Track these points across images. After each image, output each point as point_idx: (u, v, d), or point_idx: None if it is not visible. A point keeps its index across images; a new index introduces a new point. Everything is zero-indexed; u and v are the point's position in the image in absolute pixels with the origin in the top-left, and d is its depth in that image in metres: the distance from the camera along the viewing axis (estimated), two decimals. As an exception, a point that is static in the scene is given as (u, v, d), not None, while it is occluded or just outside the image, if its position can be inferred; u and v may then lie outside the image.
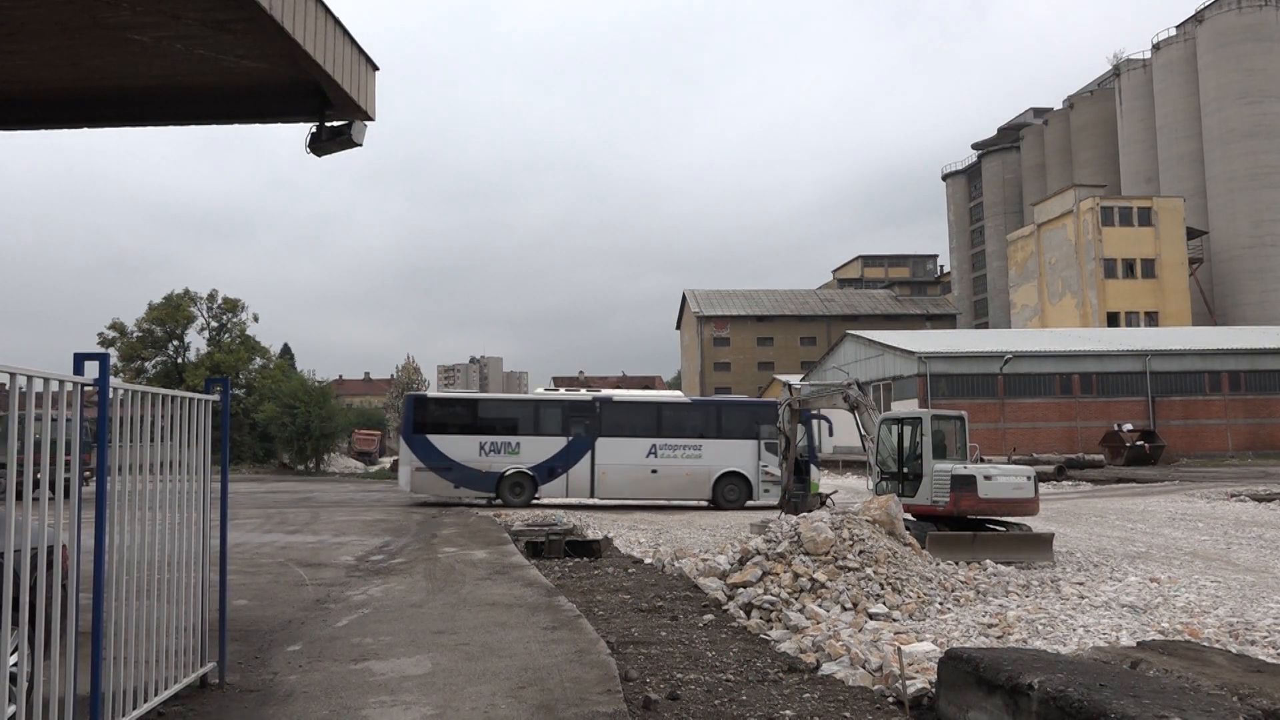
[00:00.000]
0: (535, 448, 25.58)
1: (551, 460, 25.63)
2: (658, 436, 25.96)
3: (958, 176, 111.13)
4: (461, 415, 26.29)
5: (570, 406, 26.42)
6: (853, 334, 54.59)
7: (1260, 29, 67.57)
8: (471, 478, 25.16)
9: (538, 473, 25.49)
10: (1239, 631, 8.73)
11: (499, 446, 25.42)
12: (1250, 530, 17.22)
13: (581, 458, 25.81)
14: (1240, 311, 65.06)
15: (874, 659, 7.60)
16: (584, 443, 25.83)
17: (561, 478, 25.69)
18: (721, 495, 25.90)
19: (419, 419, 25.50)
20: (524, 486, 25.38)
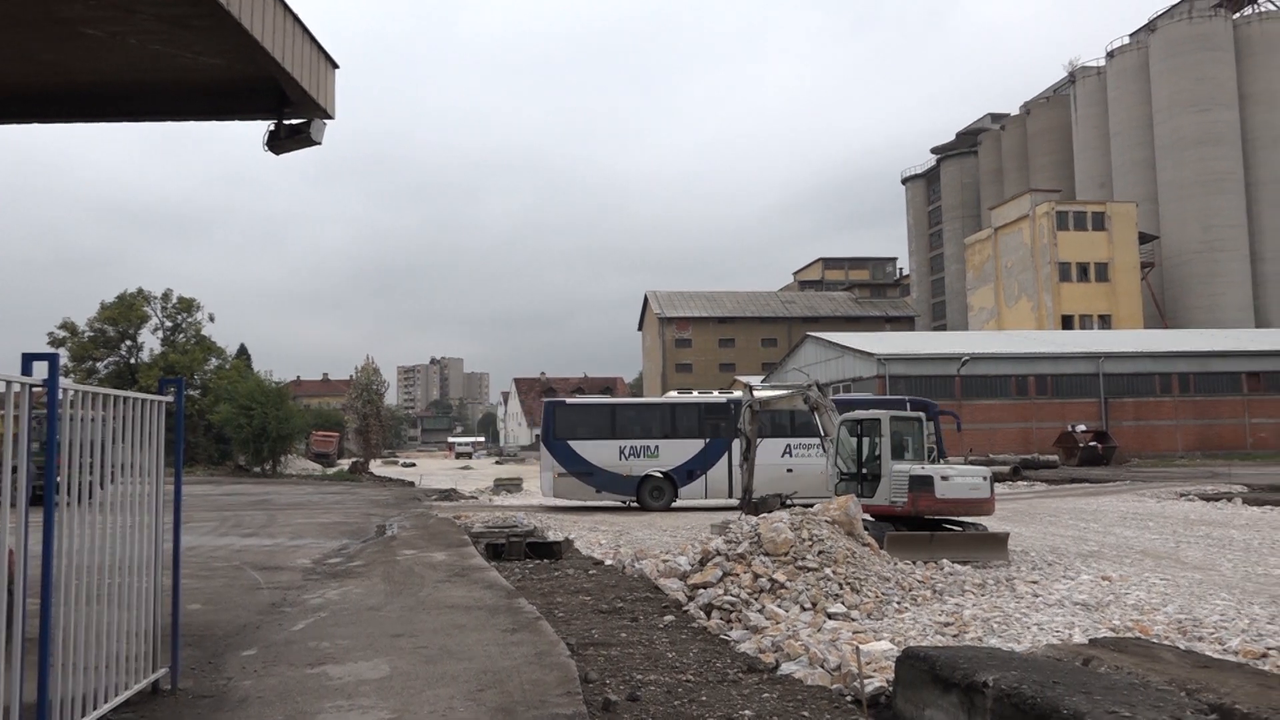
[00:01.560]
0: (673, 450, 25.70)
1: (690, 462, 25.77)
2: (791, 436, 25.81)
3: (917, 180, 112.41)
4: (600, 420, 26.47)
5: (706, 409, 26.59)
6: (813, 336, 54.98)
7: (1210, 39, 69.09)
8: (612, 482, 25.39)
9: (677, 475, 25.65)
10: (1187, 628, 8.91)
11: (638, 450, 25.58)
12: (1198, 529, 17.59)
13: (719, 459, 25.78)
14: (1190, 315, 66.46)
15: (832, 658, 7.66)
16: (721, 444, 25.78)
17: (700, 479, 25.80)
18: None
19: (559, 425, 25.84)
20: (664, 490, 25.53)
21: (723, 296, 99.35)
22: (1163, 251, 69.39)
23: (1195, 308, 66.99)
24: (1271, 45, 68.97)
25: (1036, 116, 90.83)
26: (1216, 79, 68.44)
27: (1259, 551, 14.28)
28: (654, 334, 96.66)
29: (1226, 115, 68.34)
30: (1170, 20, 72.06)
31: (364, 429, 58.18)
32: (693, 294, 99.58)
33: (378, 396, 59.08)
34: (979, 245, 74.34)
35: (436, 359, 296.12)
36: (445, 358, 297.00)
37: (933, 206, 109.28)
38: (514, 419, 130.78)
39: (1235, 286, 66.82)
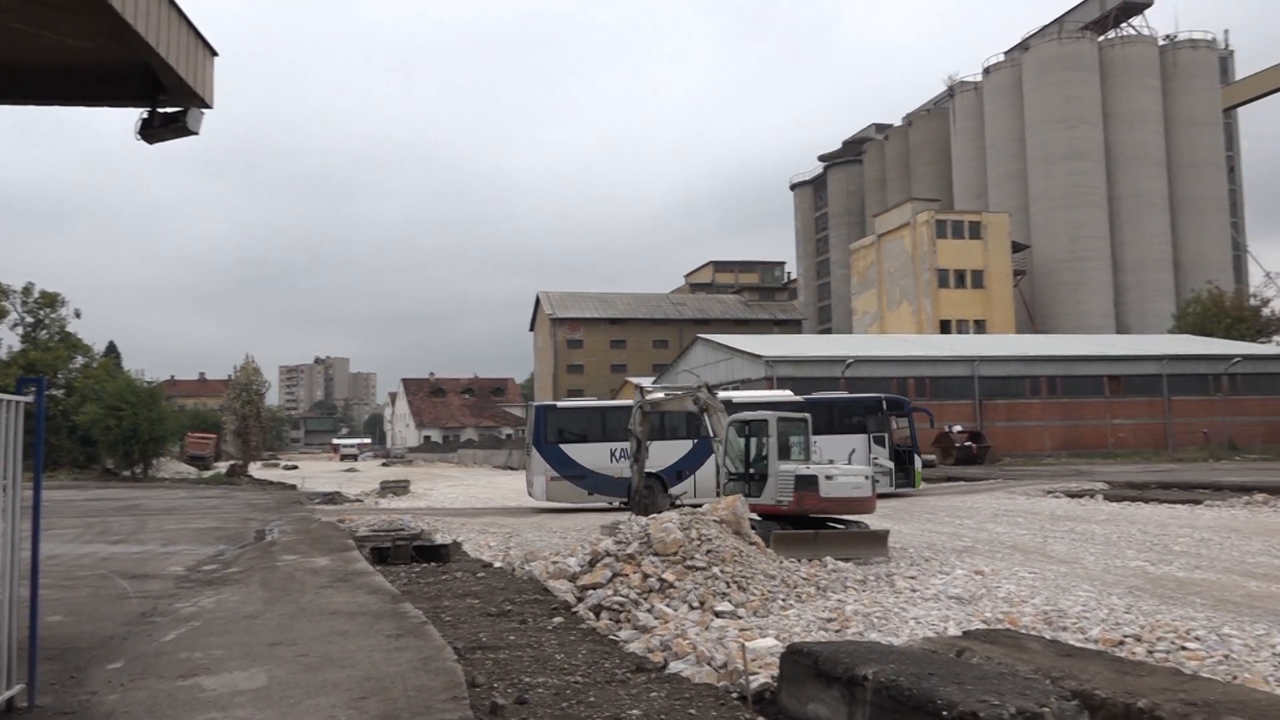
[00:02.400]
0: (663, 452, 25.51)
1: (679, 463, 26.12)
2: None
3: (804, 187, 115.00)
4: (590, 423, 26.64)
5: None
6: (703, 338, 55.63)
7: (1077, 59, 72.80)
8: (604, 484, 25.33)
9: (666, 475, 25.77)
10: (1053, 619, 9.35)
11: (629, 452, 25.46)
12: (1064, 524, 18.49)
13: (707, 459, 25.69)
14: (1058, 321, 69.85)
15: (719, 656, 7.76)
16: (707, 444, 25.76)
17: (689, 479, 26.14)
18: None
19: (549, 429, 25.90)
20: (652, 489, 25.08)
21: (615, 298, 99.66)
22: (1033, 260, 72.74)
23: (1063, 314, 70.44)
24: (1132, 67, 73.12)
25: (918, 128, 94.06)
26: (1083, 97, 72.15)
27: (1118, 545, 15.11)
28: (546, 334, 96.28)
29: (1092, 132, 72.11)
30: (1042, 40, 75.64)
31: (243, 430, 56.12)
32: (585, 295, 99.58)
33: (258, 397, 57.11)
34: (863, 251, 76.51)
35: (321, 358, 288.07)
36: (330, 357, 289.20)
37: (820, 213, 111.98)
38: (402, 420, 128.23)
39: (1099, 294, 70.56)
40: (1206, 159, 74.49)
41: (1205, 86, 75.22)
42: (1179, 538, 15.66)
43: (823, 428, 26.75)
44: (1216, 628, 8.61)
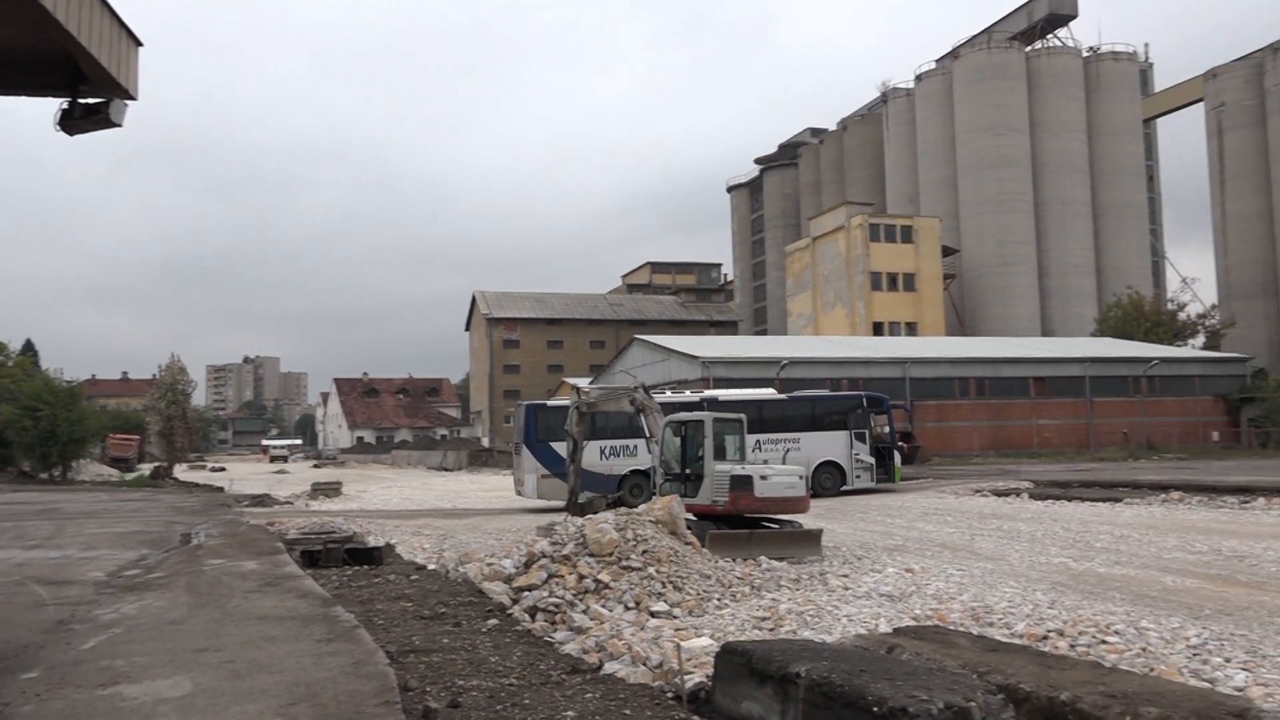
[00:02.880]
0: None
1: None
2: (760, 431, 26.35)
3: (741, 189, 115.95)
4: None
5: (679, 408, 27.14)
6: (640, 338, 55.73)
7: (1006, 68, 74.60)
8: (594, 482, 25.19)
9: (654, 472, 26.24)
10: (979, 615, 9.57)
11: (618, 450, 26.13)
12: (991, 522, 18.93)
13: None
14: (986, 324, 71.48)
15: (655, 656, 7.78)
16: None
17: None
18: (819, 484, 27.12)
19: (540, 427, 26.23)
20: (643, 487, 25.64)
21: (551, 298, 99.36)
22: (963, 264, 74.34)
23: (990, 317, 72.11)
24: (1058, 78, 75.15)
25: (852, 133, 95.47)
26: (1011, 106, 73.95)
27: (1042, 542, 15.51)
28: (481, 334, 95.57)
29: (1019, 140, 73.94)
30: (972, 49, 77.36)
31: (168, 431, 54.62)
32: (521, 295, 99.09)
33: (184, 397, 55.61)
34: (798, 254, 77.40)
35: (250, 358, 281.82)
36: (260, 356, 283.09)
37: (756, 215, 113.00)
38: (334, 420, 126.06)
39: (1025, 298, 72.38)
40: (1127, 167, 76.91)
41: (1126, 97, 77.66)
42: (1100, 535, 16.13)
43: (807, 425, 28.41)
44: (1135, 621, 8.89)
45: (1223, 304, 70.75)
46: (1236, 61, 75.46)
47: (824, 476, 27.91)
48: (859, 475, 28.24)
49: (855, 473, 28.30)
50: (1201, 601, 9.91)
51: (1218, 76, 76.22)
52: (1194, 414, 48.38)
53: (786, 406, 28.96)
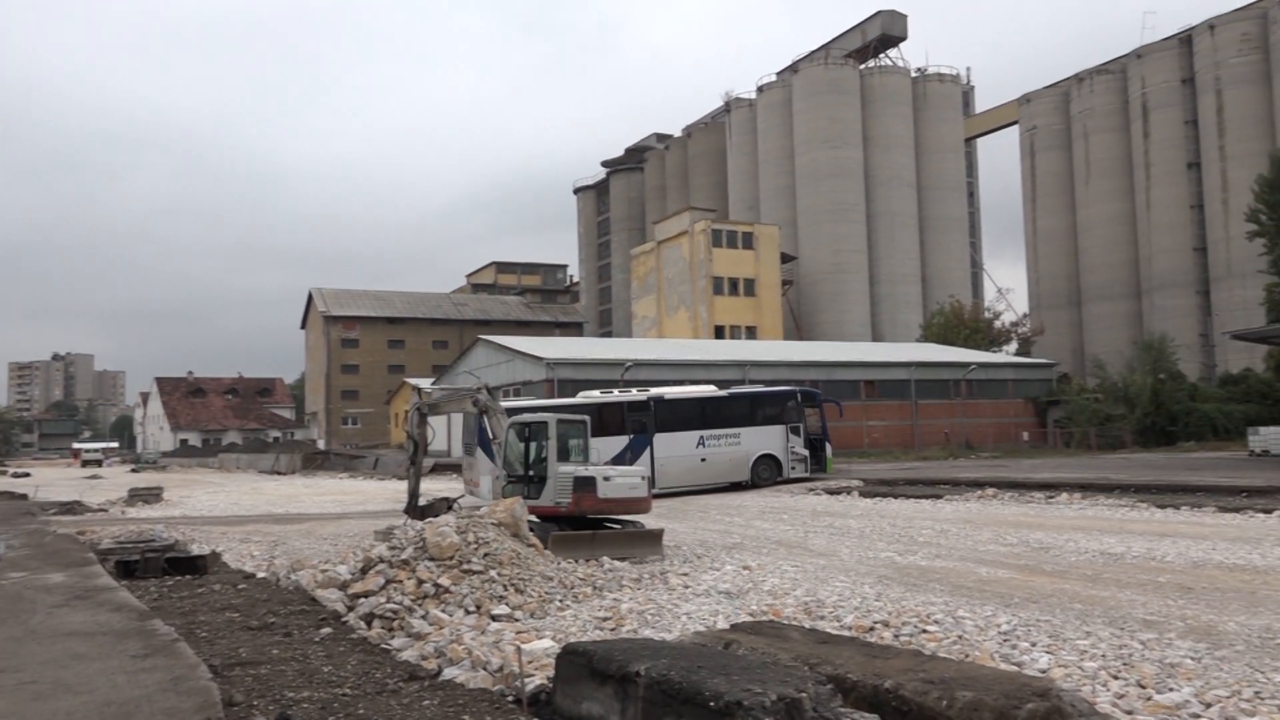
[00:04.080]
0: (602, 448, 25.91)
1: (617, 458, 26.82)
2: (704, 428, 28.48)
3: (588, 191, 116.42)
4: None
5: (630, 406, 28.33)
6: (484, 339, 55.09)
7: (841, 83, 77.87)
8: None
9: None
10: (812, 609, 9.92)
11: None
12: (824, 520, 19.67)
13: (642, 453, 27.66)
14: (822, 329, 74.36)
15: (495, 660, 7.70)
16: (643, 439, 27.88)
17: None
18: (758, 475, 28.83)
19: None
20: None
21: (393, 296, 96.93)
22: (800, 271, 77.09)
23: (825, 322, 75.07)
24: (888, 95, 79.05)
25: (697, 140, 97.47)
26: (846, 120, 77.26)
27: (870, 538, 16.24)
28: (318, 333, 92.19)
29: (853, 153, 77.33)
30: (810, 64, 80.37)
31: (-38, 434, 50.25)
32: (361, 293, 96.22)
33: (-18, 396, 51.28)
34: (643, 257, 78.35)
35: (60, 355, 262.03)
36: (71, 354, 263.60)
37: (602, 217, 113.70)
38: (155, 422, 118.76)
39: (857, 304, 75.73)
40: (950, 183, 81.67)
41: (950, 117, 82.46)
42: (923, 530, 17.02)
43: (746, 420, 29.56)
44: (952, 611, 9.42)
45: (1033, 313, 76.05)
46: (1047, 88, 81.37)
47: (762, 469, 29.08)
48: (794, 467, 29.53)
49: (791, 464, 29.51)
50: (1012, 591, 10.60)
51: (1031, 101, 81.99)
52: (1007, 415, 51.74)
53: (728, 403, 29.96)
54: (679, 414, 28.84)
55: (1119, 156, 73.80)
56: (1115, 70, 75.26)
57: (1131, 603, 9.66)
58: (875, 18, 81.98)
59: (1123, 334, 67.98)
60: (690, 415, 28.88)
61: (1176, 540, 14.22)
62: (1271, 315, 38.64)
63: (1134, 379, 47.49)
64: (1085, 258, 75.82)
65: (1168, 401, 45.21)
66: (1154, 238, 70.37)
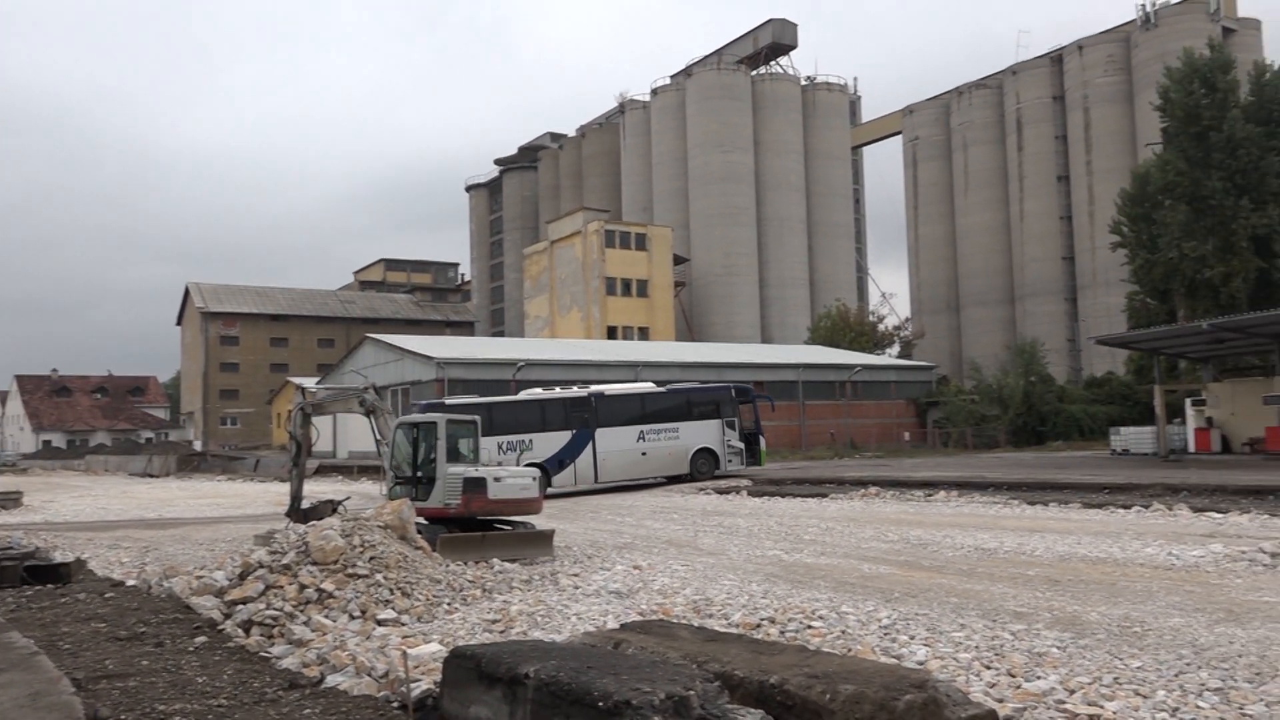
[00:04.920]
0: (545, 443, 27.85)
1: (560, 453, 28.05)
2: (644, 423, 29.35)
3: (480, 189, 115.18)
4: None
5: (571, 403, 28.99)
6: (372, 337, 53.92)
7: (733, 89, 79.09)
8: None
9: (549, 465, 27.43)
10: (701, 607, 10.04)
11: (514, 445, 27.23)
12: (713, 519, 19.93)
13: (585, 448, 28.42)
14: (713, 330, 75.36)
15: (380, 665, 7.54)
16: (585, 435, 28.57)
17: (570, 468, 28.20)
18: (696, 469, 29.74)
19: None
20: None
21: (276, 293, 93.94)
22: (692, 273, 77.96)
23: (716, 324, 76.10)
24: (779, 102, 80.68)
25: (591, 140, 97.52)
26: (737, 125, 78.50)
27: (758, 536, 16.53)
28: (195, 330, 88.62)
29: (744, 158, 78.63)
30: (703, 69, 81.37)
31: None
32: (242, 288, 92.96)
33: None
34: (536, 256, 77.99)
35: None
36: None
37: (495, 216, 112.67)
38: (14, 422, 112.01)
39: (748, 307, 77.03)
40: (837, 190, 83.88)
41: (837, 125, 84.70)
42: (809, 528, 17.42)
43: (684, 415, 30.45)
44: (836, 606, 9.67)
45: (915, 317, 78.72)
46: (929, 100, 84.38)
47: (701, 462, 29.98)
48: (730, 460, 30.44)
49: (728, 458, 30.38)
50: (892, 586, 10.94)
51: (913, 113, 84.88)
52: (890, 416, 53.42)
53: (667, 399, 30.87)
54: (620, 410, 29.60)
55: (995, 168, 77.11)
56: (992, 85, 78.58)
57: (1003, 595, 10.09)
58: (767, 25, 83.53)
59: (998, 338, 71.02)
60: (631, 411, 29.69)
61: (1045, 535, 14.92)
62: (1132, 322, 40.93)
63: (1007, 381, 49.69)
64: (964, 264, 78.90)
65: (1038, 403, 47.44)
66: (1027, 247, 73.76)
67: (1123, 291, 44.90)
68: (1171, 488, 20.72)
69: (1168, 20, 66.73)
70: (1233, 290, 34.73)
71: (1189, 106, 35.64)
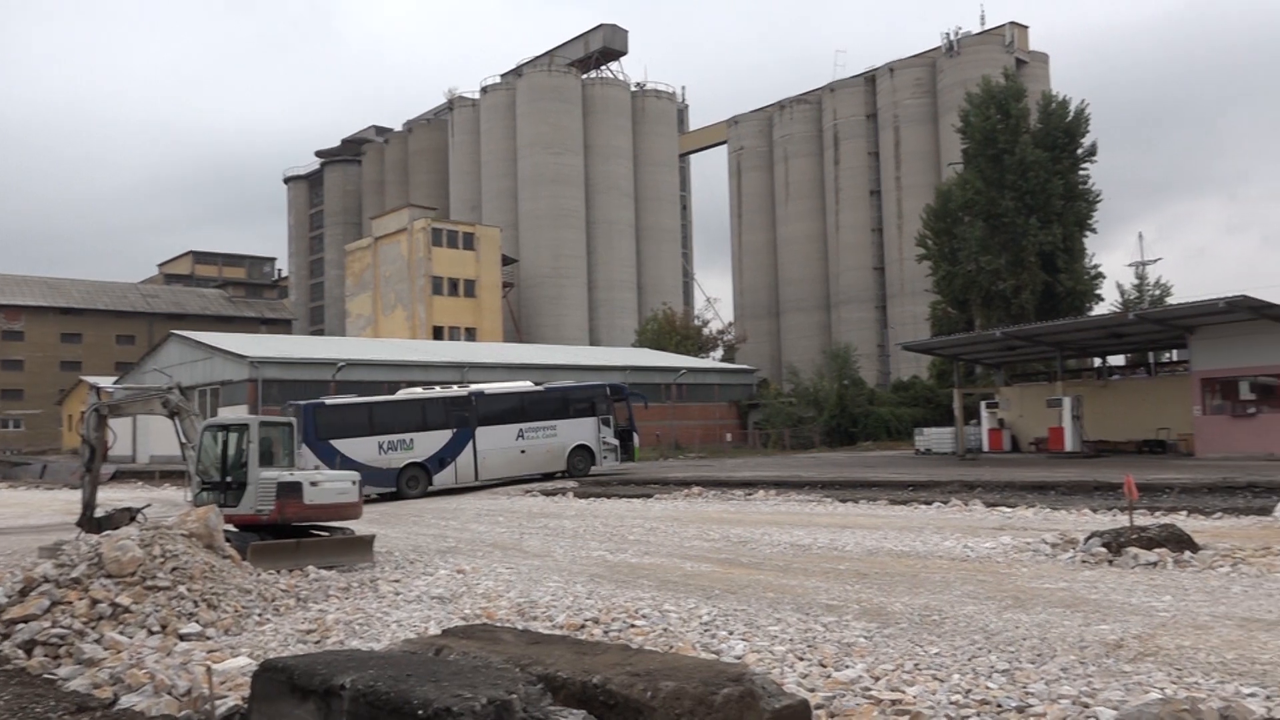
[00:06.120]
0: (426, 442, 28.26)
1: (441, 451, 28.45)
2: (523, 421, 29.84)
3: (300, 181, 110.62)
4: (359, 418, 28.02)
5: (451, 401, 29.31)
6: (179, 334, 50.78)
7: (563, 91, 79.27)
8: (374, 476, 26.19)
9: (430, 464, 28.18)
10: (525, 610, 9.99)
11: (396, 444, 27.75)
12: (539, 521, 19.88)
13: (465, 446, 28.82)
14: (541, 331, 75.23)
15: (183, 682, 7.11)
16: (466, 434, 28.92)
17: (450, 466, 28.58)
18: (574, 465, 30.43)
19: (320, 426, 26.86)
20: (419, 479, 27.91)
21: (68, 284, 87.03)
22: (521, 274, 77.57)
23: (545, 326, 76.03)
24: (610, 107, 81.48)
25: (418, 135, 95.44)
26: (568, 128, 78.72)
27: (583, 537, 16.61)
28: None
29: (574, 160, 78.93)
30: (534, 70, 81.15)
31: None
32: (28, 279, 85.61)
33: None
34: (359, 253, 75.64)
35: None
36: None
37: (315, 209, 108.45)
38: None
39: (576, 308, 77.34)
40: (665, 195, 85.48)
41: (666, 132, 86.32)
42: (633, 528, 17.65)
43: (561, 413, 30.96)
44: (659, 605, 9.84)
45: (738, 322, 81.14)
46: (754, 112, 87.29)
47: (578, 459, 30.66)
48: (606, 456, 31.27)
49: (603, 454, 31.17)
50: (713, 583, 11.23)
51: (738, 124, 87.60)
52: (713, 418, 54.84)
53: (545, 397, 31.30)
54: (499, 408, 29.99)
55: (814, 180, 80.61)
56: (812, 101, 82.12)
57: (816, 590, 10.55)
58: (598, 30, 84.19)
59: (815, 343, 74.21)
60: (510, 409, 30.12)
61: (855, 531, 15.71)
62: (935, 329, 43.70)
63: (823, 385, 52.04)
64: (784, 272, 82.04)
65: (850, 405, 49.89)
66: (842, 256, 77.50)
67: (927, 301, 47.88)
68: (968, 485, 22.26)
69: (969, 49, 71.73)
70: (1022, 302, 37.67)
71: (986, 130, 38.43)
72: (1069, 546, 12.44)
